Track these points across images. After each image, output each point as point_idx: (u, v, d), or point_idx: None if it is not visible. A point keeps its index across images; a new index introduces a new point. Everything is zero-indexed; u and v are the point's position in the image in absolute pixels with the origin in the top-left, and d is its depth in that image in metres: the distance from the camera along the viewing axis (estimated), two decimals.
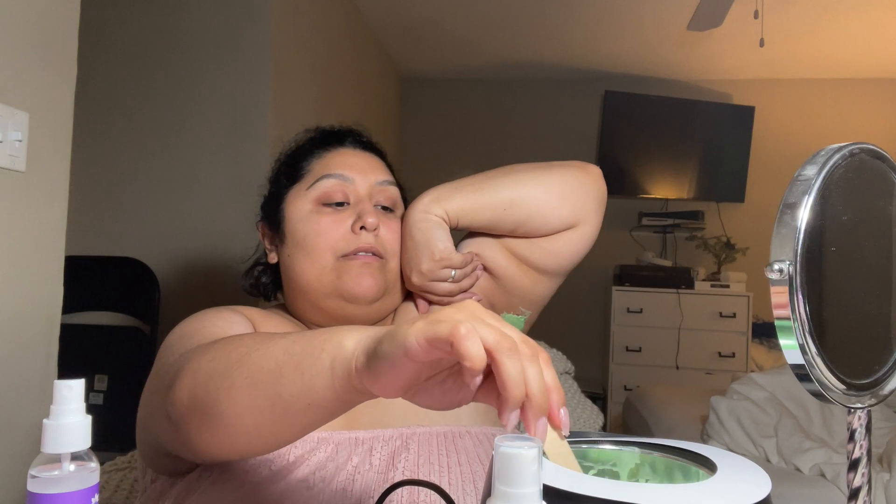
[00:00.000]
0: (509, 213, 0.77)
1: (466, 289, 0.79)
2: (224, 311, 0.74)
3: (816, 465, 1.69)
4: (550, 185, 0.78)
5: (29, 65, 1.08)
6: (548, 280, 0.83)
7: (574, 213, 0.79)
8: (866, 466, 0.49)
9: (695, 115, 3.85)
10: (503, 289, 0.83)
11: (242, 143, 2.20)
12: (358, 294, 0.76)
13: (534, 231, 0.79)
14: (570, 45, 3.70)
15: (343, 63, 3.11)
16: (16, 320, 1.07)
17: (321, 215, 0.79)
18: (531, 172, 0.79)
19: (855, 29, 3.31)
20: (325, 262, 0.77)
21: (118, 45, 2.31)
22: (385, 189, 0.83)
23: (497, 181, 0.79)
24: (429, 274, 0.77)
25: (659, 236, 4.08)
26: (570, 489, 0.47)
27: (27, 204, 1.09)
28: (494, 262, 0.82)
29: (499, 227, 0.79)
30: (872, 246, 0.51)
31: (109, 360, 2.13)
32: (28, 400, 1.10)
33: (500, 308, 0.84)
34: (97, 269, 2.20)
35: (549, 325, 3.87)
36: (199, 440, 0.55)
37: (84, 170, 2.14)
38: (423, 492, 0.65)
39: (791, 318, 0.45)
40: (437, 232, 0.77)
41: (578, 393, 1.21)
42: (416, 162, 4.22)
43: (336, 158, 0.83)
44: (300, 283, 0.79)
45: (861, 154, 0.49)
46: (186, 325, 0.72)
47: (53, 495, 0.42)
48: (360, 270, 0.76)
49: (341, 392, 0.45)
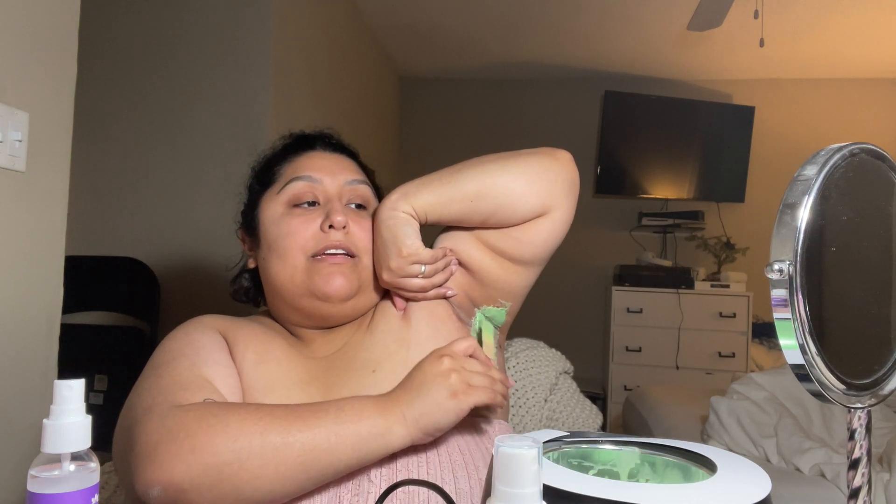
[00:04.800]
0: (477, 204, 0.77)
1: (439, 284, 0.80)
2: (195, 337, 0.76)
3: (816, 465, 1.69)
4: (517, 173, 0.78)
5: (29, 65, 1.08)
6: (524, 270, 0.83)
7: (542, 200, 0.78)
8: (866, 466, 0.49)
9: (695, 115, 3.85)
10: (480, 282, 0.83)
11: (242, 143, 2.20)
12: (329, 293, 0.76)
13: (504, 221, 0.79)
14: (570, 45, 3.70)
15: (343, 63, 3.11)
16: (16, 320, 1.07)
17: (291, 217, 0.80)
18: (498, 162, 0.79)
19: (855, 29, 3.31)
20: (296, 263, 0.78)
21: (118, 45, 2.31)
22: (355, 188, 0.84)
23: (463, 173, 0.79)
24: (398, 271, 0.77)
25: (659, 236, 4.08)
26: (570, 489, 0.47)
27: (27, 204, 1.09)
28: (469, 255, 0.82)
29: (469, 220, 0.80)
30: (872, 246, 0.51)
31: (109, 360, 2.13)
32: (28, 400, 1.10)
33: (480, 301, 0.84)
34: (97, 269, 2.20)
35: (550, 325, 3.90)
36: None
37: (84, 170, 2.14)
38: (423, 492, 0.65)
39: (791, 318, 0.45)
40: (404, 228, 0.77)
41: (578, 393, 1.21)
42: (416, 162, 4.22)
43: (305, 161, 0.85)
44: (275, 284, 0.80)
45: (861, 154, 0.49)
46: (161, 352, 0.74)
47: (53, 495, 0.42)
48: (331, 270, 0.77)
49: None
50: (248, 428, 0.59)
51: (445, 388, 0.64)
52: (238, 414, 0.61)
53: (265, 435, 0.59)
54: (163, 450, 0.58)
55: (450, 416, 0.64)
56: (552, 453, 0.64)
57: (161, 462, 0.57)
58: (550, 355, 1.20)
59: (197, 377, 0.69)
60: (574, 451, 0.65)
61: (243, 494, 0.58)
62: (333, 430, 0.60)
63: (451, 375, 0.65)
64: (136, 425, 0.62)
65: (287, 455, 0.59)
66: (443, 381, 0.65)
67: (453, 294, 0.82)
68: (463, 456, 0.70)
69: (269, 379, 0.74)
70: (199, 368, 0.70)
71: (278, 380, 0.74)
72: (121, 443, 0.65)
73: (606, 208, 4.11)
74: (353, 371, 0.75)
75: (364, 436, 0.61)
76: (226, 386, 0.70)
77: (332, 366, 0.77)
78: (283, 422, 0.60)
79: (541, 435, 0.67)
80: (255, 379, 0.74)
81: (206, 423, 0.59)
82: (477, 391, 0.65)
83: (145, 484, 0.57)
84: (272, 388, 0.73)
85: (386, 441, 0.62)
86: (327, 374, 0.76)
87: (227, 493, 0.58)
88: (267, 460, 0.58)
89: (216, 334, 0.77)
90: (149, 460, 0.58)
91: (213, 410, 0.61)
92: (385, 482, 0.65)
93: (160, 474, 0.57)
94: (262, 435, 0.59)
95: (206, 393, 0.66)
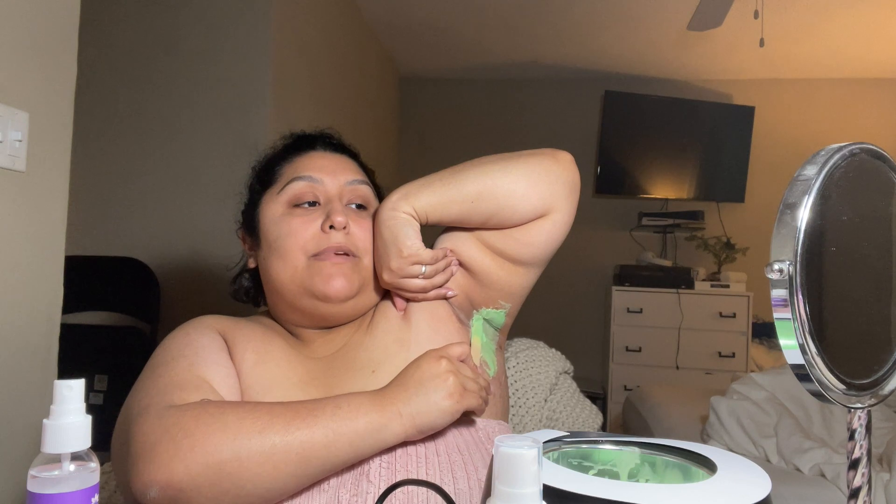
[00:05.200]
0: (477, 205, 0.77)
1: (439, 284, 0.80)
2: (194, 338, 0.76)
3: (816, 465, 1.69)
4: (518, 175, 0.78)
5: (29, 65, 1.08)
6: (524, 271, 0.83)
7: (543, 201, 0.78)
8: (866, 466, 0.49)
9: (695, 115, 3.85)
10: (480, 283, 0.83)
11: (242, 143, 2.20)
12: (329, 293, 0.76)
13: (505, 222, 0.79)
14: (570, 45, 3.70)
15: (343, 63, 3.11)
16: (16, 320, 1.07)
17: (292, 217, 0.80)
18: (499, 163, 0.79)
19: (855, 29, 3.31)
20: (297, 263, 0.78)
21: (118, 44, 2.31)
22: (356, 188, 0.84)
23: (464, 174, 0.79)
24: (398, 271, 0.77)
25: (659, 236, 4.08)
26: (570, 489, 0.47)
27: (27, 204, 1.09)
28: (469, 256, 0.82)
29: (470, 221, 0.79)
30: (872, 246, 0.51)
31: (109, 360, 2.13)
32: (28, 400, 1.10)
33: (480, 302, 0.83)
34: (97, 269, 2.20)
35: (550, 325, 3.90)
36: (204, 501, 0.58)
37: (84, 170, 2.14)
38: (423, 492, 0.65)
39: (791, 318, 0.45)
40: (404, 229, 0.77)
41: (578, 393, 1.21)
42: (416, 162, 4.22)
43: (306, 161, 0.85)
44: (276, 284, 0.80)
45: (861, 154, 0.49)
46: (161, 352, 0.74)
47: (53, 495, 0.42)
48: (331, 270, 0.77)
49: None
50: (247, 426, 0.59)
51: (444, 389, 0.66)
52: (236, 413, 0.61)
53: (264, 433, 0.59)
54: (161, 449, 0.58)
55: (445, 417, 0.66)
56: (552, 453, 0.64)
57: (159, 462, 0.57)
58: (550, 355, 1.20)
59: (195, 377, 0.69)
60: (574, 451, 0.65)
61: (242, 492, 0.58)
62: (331, 427, 0.61)
63: (450, 378, 0.66)
64: (133, 425, 0.62)
65: (286, 453, 0.59)
66: (441, 382, 0.66)
67: (454, 295, 0.82)
68: (462, 456, 0.70)
69: (268, 379, 0.74)
70: (197, 369, 0.70)
71: (278, 380, 0.74)
72: (119, 443, 0.65)
73: (606, 208, 4.11)
74: (353, 371, 0.75)
75: (361, 432, 0.62)
76: (225, 386, 0.70)
77: (332, 366, 0.77)
78: (281, 420, 0.60)
79: (541, 435, 0.67)
80: (254, 379, 0.74)
81: (203, 422, 0.59)
82: (470, 396, 0.68)
83: (143, 484, 0.57)
84: (272, 389, 0.73)
85: (381, 437, 0.63)
86: (327, 375, 0.76)
87: (226, 491, 0.58)
88: (266, 458, 0.58)
89: (216, 335, 0.77)
90: (146, 460, 0.57)
91: (210, 410, 0.61)
92: (384, 482, 0.65)
93: (158, 474, 0.56)
94: (261, 433, 0.59)
95: (204, 393, 0.66)
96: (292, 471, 0.60)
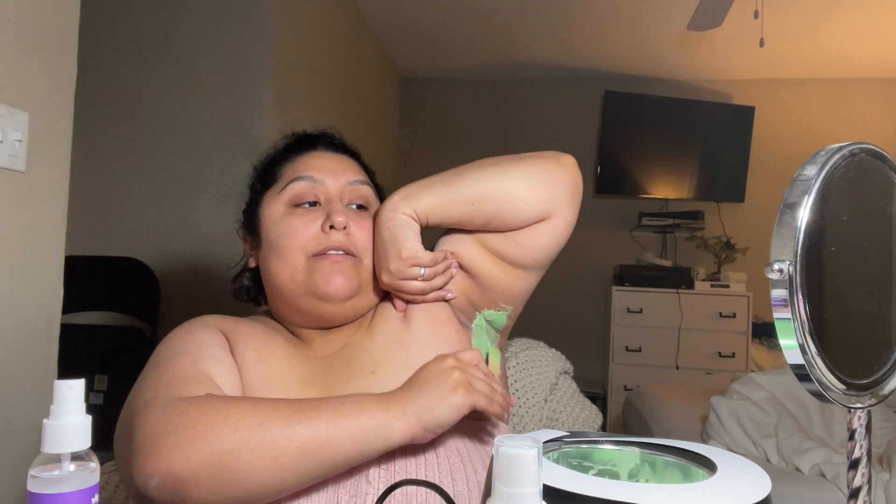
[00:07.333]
0: (478, 207, 0.77)
1: (439, 287, 0.80)
2: (197, 335, 0.76)
3: (816, 465, 1.69)
4: (519, 177, 0.77)
5: (29, 65, 1.08)
6: (525, 274, 0.82)
7: (545, 205, 0.78)
8: (866, 466, 0.49)
9: (695, 115, 3.85)
10: (481, 286, 0.82)
11: (242, 143, 2.20)
12: (330, 292, 0.76)
13: (506, 224, 0.78)
14: (570, 45, 3.70)
15: (343, 63, 3.11)
16: (16, 320, 1.07)
17: (293, 217, 0.80)
18: (500, 165, 0.79)
19: (855, 29, 3.31)
20: (297, 262, 0.78)
21: (118, 45, 2.31)
22: (357, 188, 0.84)
23: (466, 176, 0.78)
24: (397, 273, 0.77)
25: (659, 236, 4.08)
26: (570, 489, 0.47)
27: (27, 204, 1.09)
28: (470, 258, 0.82)
29: (471, 223, 0.79)
30: (872, 246, 0.51)
31: (109, 360, 2.13)
32: (28, 400, 1.10)
33: (480, 305, 0.83)
34: (97, 269, 2.20)
35: (550, 326, 3.90)
36: (202, 499, 0.58)
37: (84, 170, 2.14)
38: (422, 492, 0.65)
39: (791, 318, 0.45)
40: (404, 231, 0.77)
41: (578, 393, 1.21)
42: (416, 162, 4.22)
43: (307, 161, 0.85)
44: (276, 284, 0.80)
45: (861, 154, 0.49)
46: (163, 349, 0.74)
47: (53, 495, 0.42)
48: (332, 269, 0.77)
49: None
50: (249, 419, 0.59)
51: (448, 382, 0.64)
52: (238, 406, 0.61)
53: (265, 426, 0.59)
54: (163, 440, 0.58)
55: (451, 412, 0.63)
56: (552, 453, 0.64)
57: (160, 452, 0.57)
58: (550, 355, 1.20)
59: (199, 373, 0.69)
60: (574, 451, 0.65)
61: (241, 485, 0.58)
62: (333, 422, 0.61)
63: (454, 372, 0.65)
64: (138, 417, 0.62)
65: (286, 446, 0.59)
66: (445, 376, 0.65)
67: (453, 296, 0.81)
68: (461, 458, 0.70)
69: (269, 378, 0.74)
70: (201, 365, 0.70)
71: (278, 379, 0.74)
72: (121, 438, 0.65)
73: (606, 208, 4.11)
74: (353, 372, 0.75)
75: (363, 428, 0.61)
76: (227, 383, 0.70)
77: (332, 366, 0.77)
78: (282, 414, 0.60)
79: (541, 435, 0.67)
80: (255, 378, 0.74)
81: (207, 413, 0.59)
82: (478, 393, 0.65)
83: (144, 474, 0.57)
84: (272, 387, 0.73)
85: (385, 435, 0.62)
86: (327, 375, 0.76)
87: (225, 483, 0.57)
88: (266, 451, 0.58)
89: (217, 333, 0.77)
90: (149, 450, 0.57)
91: (213, 402, 0.61)
92: (383, 483, 0.65)
93: (159, 464, 0.56)
94: (262, 426, 0.59)
95: (207, 388, 0.66)
96: (291, 466, 0.59)
